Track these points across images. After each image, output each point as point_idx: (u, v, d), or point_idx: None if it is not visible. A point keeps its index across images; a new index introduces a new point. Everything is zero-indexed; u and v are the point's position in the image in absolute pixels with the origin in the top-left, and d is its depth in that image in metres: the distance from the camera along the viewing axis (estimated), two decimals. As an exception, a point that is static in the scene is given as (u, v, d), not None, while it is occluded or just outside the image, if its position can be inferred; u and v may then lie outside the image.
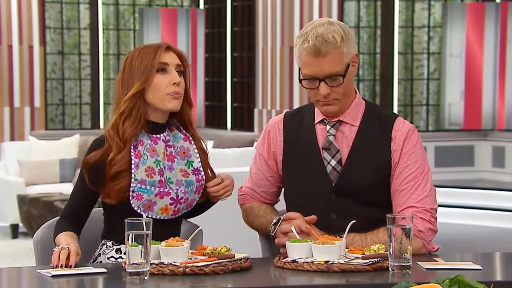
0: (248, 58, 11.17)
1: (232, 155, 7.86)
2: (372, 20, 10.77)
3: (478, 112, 10.31)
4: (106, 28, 11.51)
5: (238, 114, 11.48)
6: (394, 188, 2.92)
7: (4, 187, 8.70)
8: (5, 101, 10.55)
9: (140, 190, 2.84)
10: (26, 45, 10.62)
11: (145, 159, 2.86)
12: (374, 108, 3.02)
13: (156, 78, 2.87)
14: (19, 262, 7.19)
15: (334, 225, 2.87)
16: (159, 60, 2.88)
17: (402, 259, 2.56)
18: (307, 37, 2.84)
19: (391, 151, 2.93)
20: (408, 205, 2.88)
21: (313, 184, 2.94)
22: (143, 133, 2.89)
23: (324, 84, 2.85)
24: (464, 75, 10.30)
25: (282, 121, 3.06)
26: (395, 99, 10.68)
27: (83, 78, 11.33)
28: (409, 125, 2.97)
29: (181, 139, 2.96)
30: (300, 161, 2.98)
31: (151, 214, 2.86)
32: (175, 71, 2.89)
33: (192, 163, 2.95)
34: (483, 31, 10.26)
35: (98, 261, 2.91)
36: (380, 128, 2.95)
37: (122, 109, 2.86)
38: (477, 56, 10.28)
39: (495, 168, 10.26)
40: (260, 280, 2.62)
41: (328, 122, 2.97)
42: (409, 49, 10.81)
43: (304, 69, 2.87)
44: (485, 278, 2.48)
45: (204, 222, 3.14)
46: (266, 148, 3.07)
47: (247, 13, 11.17)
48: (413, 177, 2.90)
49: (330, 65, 2.84)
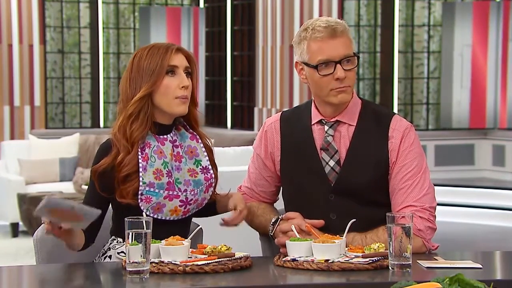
0: (248, 57, 11.17)
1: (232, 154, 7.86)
2: (372, 18, 10.76)
3: (482, 111, 10.31)
4: (106, 26, 11.51)
5: (238, 113, 11.48)
6: (392, 187, 2.92)
7: (4, 186, 8.70)
8: (5, 100, 10.56)
9: (149, 193, 2.82)
10: (26, 44, 10.62)
11: (152, 161, 2.84)
12: (370, 106, 3.02)
13: (165, 81, 2.84)
14: (19, 261, 7.18)
15: (334, 225, 2.87)
16: (168, 63, 2.84)
17: (402, 258, 2.56)
18: (315, 26, 2.88)
19: (388, 150, 2.92)
20: (407, 204, 2.87)
21: (311, 185, 2.93)
22: (150, 134, 2.87)
23: (340, 67, 2.86)
24: (470, 74, 10.30)
25: (279, 121, 3.05)
26: (395, 98, 10.67)
27: (83, 77, 11.33)
28: (406, 123, 2.97)
29: (188, 138, 2.95)
30: (298, 162, 2.97)
31: (161, 216, 2.85)
32: (184, 74, 2.87)
33: (200, 162, 2.94)
34: (488, 29, 10.26)
35: (108, 255, 2.89)
36: (377, 127, 2.95)
37: (130, 111, 2.83)
38: (482, 55, 10.28)
39: (495, 167, 10.26)
40: (260, 279, 2.62)
41: (326, 123, 2.96)
42: (409, 47, 10.81)
43: (318, 55, 2.87)
44: (485, 277, 2.48)
45: (204, 221, 3.14)
46: (264, 148, 3.06)
47: (247, 11, 11.17)
48: (411, 175, 2.90)
49: (344, 47, 2.87)
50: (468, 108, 10.35)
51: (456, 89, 10.33)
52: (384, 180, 2.93)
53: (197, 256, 2.67)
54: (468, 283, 2.06)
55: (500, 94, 10.27)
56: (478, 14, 10.25)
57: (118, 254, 2.87)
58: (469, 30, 10.27)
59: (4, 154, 9.36)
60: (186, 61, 2.89)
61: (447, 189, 9.55)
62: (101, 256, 2.91)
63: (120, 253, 2.88)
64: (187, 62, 2.89)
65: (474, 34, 10.26)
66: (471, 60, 10.29)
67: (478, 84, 10.32)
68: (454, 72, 10.34)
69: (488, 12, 10.26)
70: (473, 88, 10.33)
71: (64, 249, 2.83)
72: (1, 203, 8.66)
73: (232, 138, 9.62)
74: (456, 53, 10.30)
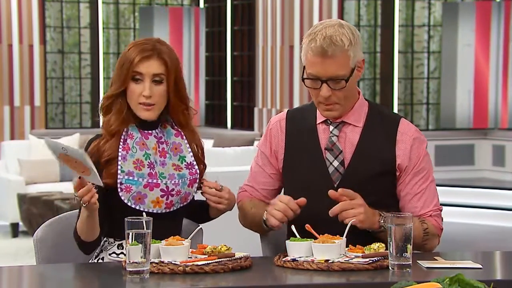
0: (248, 57, 11.17)
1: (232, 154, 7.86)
2: (372, 19, 10.76)
3: (484, 111, 10.31)
4: (106, 27, 11.51)
5: (238, 113, 11.48)
6: (406, 191, 2.96)
7: (4, 186, 8.70)
8: (5, 100, 10.55)
9: (128, 182, 2.85)
10: (26, 44, 10.62)
11: (133, 152, 2.88)
12: (377, 109, 3.02)
13: (131, 86, 2.89)
14: (19, 261, 7.18)
15: (336, 225, 2.87)
16: (133, 69, 2.87)
17: (402, 258, 2.56)
18: (315, 36, 2.84)
19: (395, 154, 2.94)
20: (428, 209, 2.97)
21: (314, 184, 2.93)
22: (134, 127, 2.91)
23: (326, 86, 2.85)
24: (473, 74, 10.29)
25: (284, 120, 3.05)
26: (395, 98, 10.67)
27: (83, 77, 11.33)
28: (414, 127, 3.01)
29: (173, 135, 2.97)
30: (302, 161, 2.97)
31: (143, 207, 2.86)
32: (149, 82, 2.87)
33: (185, 157, 2.96)
34: (490, 30, 10.26)
35: (100, 257, 2.90)
36: (384, 129, 2.96)
37: (102, 105, 2.93)
38: (484, 56, 10.27)
39: (495, 167, 10.26)
40: (260, 279, 2.62)
41: (331, 123, 2.96)
42: (409, 48, 10.81)
43: (308, 68, 2.87)
44: (485, 277, 2.48)
45: (204, 221, 3.14)
46: (268, 146, 3.06)
47: (247, 12, 11.17)
48: (425, 180, 2.96)
49: (334, 68, 2.83)
50: (471, 109, 10.34)
51: (459, 89, 10.33)
52: (389, 182, 2.95)
53: (197, 256, 2.67)
54: (468, 283, 2.06)
55: (501, 94, 10.26)
56: (483, 14, 10.24)
57: (110, 256, 2.88)
58: (471, 30, 10.27)
59: (4, 154, 9.36)
60: (158, 68, 2.88)
61: (447, 189, 9.55)
62: (94, 259, 2.92)
63: (111, 254, 2.88)
64: (159, 69, 2.88)
65: (476, 34, 10.26)
66: (474, 61, 10.28)
67: (480, 84, 10.32)
68: (458, 72, 10.32)
69: (490, 13, 10.26)
70: (476, 89, 10.32)
71: (84, 237, 2.81)
72: (1, 203, 8.66)
73: (232, 138, 9.62)
74: (458, 53, 10.30)
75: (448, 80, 10.38)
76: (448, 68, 10.36)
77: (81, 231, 2.80)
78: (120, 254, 2.87)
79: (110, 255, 2.88)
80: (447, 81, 10.38)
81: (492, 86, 10.29)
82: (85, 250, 2.88)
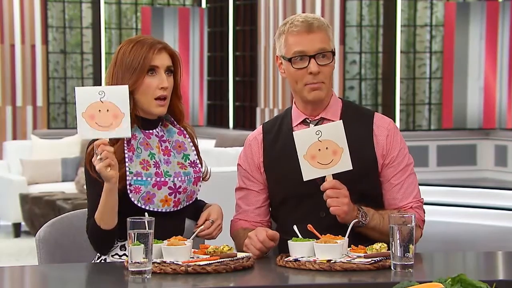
0: (250, 57, 11.17)
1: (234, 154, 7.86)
2: (374, 19, 10.76)
3: (492, 112, 10.30)
4: (109, 27, 11.51)
5: (240, 113, 11.48)
6: (386, 183, 2.98)
7: (6, 186, 8.70)
8: (7, 100, 10.56)
9: (137, 183, 2.83)
10: (28, 44, 10.63)
11: (139, 152, 2.87)
12: (351, 105, 3.08)
13: (146, 80, 2.88)
14: (21, 261, 7.19)
15: (324, 223, 2.86)
16: (150, 63, 2.87)
17: (404, 258, 2.56)
18: (294, 21, 2.93)
19: (374, 146, 2.96)
20: (408, 201, 2.97)
21: (298, 186, 2.91)
22: (136, 127, 2.90)
23: (314, 61, 2.90)
24: (483, 74, 10.28)
25: (261, 134, 3.08)
26: (397, 98, 10.67)
27: (85, 77, 11.34)
28: (388, 119, 3.04)
29: (176, 133, 2.98)
30: (284, 166, 2.98)
31: (152, 207, 2.85)
32: (164, 74, 2.89)
33: (188, 156, 2.96)
34: (497, 29, 10.25)
35: (102, 258, 2.90)
36: (360, 123, 2.99)
37: None
38: (493, 55, 10.27)
39: (497, 167, 10.25)
40: (262, 279, 2.63)
41: (311, 121, 2.98)
42: (412, 48, 10.80)
43: (294, 48, 2.91)
44: (487, 277, 2.48)
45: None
46: (250, 161, 3.07)
47: (249, 12, 11.17)
48: (404, 171, 2.98)
49: (320, 41, 2.91)
50: (480, 109, 10.33)
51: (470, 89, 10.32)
52: (371, 175, 2.97)
53: (199, 256, 2.67)
54: (470, 283, 2.06)
55: (507, 94, 10.25)
56: (492, 14, 10.23)
57: (113, 257, 2.88)
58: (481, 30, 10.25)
59: (6, 154, 9.37)
60: (169, 61, 2.91)
61: (449, 189, 9.55)
62: (97, 260, 2.91)
63: (114, 256, 2.88)
64: (169, 61, 2.92)
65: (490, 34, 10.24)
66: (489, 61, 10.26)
67: (488, 84, 10.31)
68: (469, 71, 10.31)
69: (498, 12, 10.25)
70: (485, 89, 10.31)
71: (104, 223, 2.79)
72: (3, 203, 8.68)
73: (234, 138, 9.61)
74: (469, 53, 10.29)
75: (459, 80, 10.34)
76: (469, 68, 10.32)
77: (101, 216, 2.77)
78: (122, 256, 2.87)
79: (112, 256, 2.88)
80: (468, 82, 10.34)
81: (498, 86, 10.28)
82: (103, 245, 2.85)
